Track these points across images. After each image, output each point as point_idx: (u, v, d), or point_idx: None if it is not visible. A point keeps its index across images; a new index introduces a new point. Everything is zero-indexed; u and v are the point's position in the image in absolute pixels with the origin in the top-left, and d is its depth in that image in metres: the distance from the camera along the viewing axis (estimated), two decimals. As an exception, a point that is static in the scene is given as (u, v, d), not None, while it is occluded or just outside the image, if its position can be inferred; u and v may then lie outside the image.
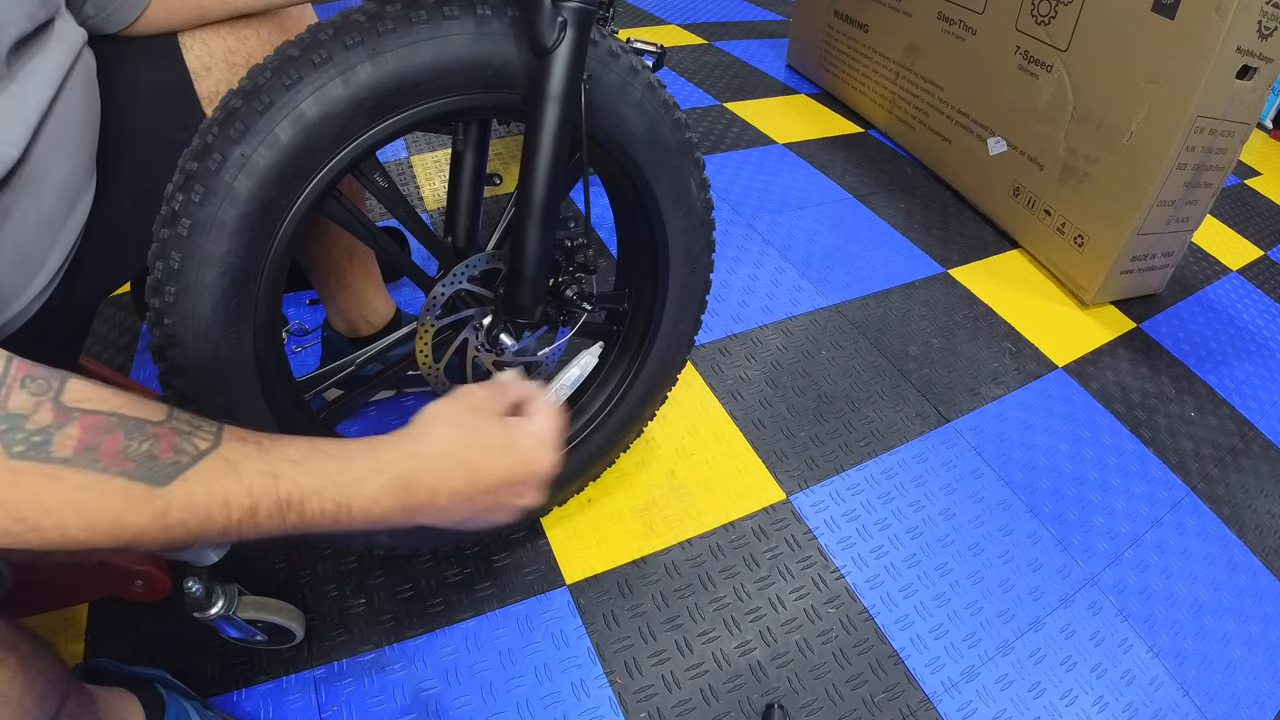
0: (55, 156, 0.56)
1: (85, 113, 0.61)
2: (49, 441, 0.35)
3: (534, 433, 0.53)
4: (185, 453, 0.39)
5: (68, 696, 0.52)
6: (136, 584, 0.73)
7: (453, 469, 0.49)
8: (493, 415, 0.52)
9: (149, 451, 0.38)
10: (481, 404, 0.52)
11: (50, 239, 0.58)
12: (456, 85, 0.63)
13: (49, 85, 0.55)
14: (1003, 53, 1.69)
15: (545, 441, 0.53)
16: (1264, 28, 1.26)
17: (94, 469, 0.36)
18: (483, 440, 0.50)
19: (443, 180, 1.68)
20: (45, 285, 0.58)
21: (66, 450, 0.35)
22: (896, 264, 1.63)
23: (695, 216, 0.84)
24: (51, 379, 0.37)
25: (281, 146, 0.58)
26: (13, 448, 0.34)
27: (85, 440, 0.36)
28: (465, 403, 0.52)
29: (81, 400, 0.37)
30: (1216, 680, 0.95)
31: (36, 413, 0.35)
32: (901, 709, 0.86)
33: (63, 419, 0.36)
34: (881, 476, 1.14)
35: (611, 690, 0.84)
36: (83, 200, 0.61)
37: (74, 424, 0.36)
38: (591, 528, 1.00)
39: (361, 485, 0.45)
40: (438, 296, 0.75)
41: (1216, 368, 1.50)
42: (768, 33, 2.84)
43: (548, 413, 0.55)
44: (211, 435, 0.41)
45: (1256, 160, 2.50)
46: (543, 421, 0.54)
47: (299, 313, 1.26)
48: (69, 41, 0.58)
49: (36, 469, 0.34)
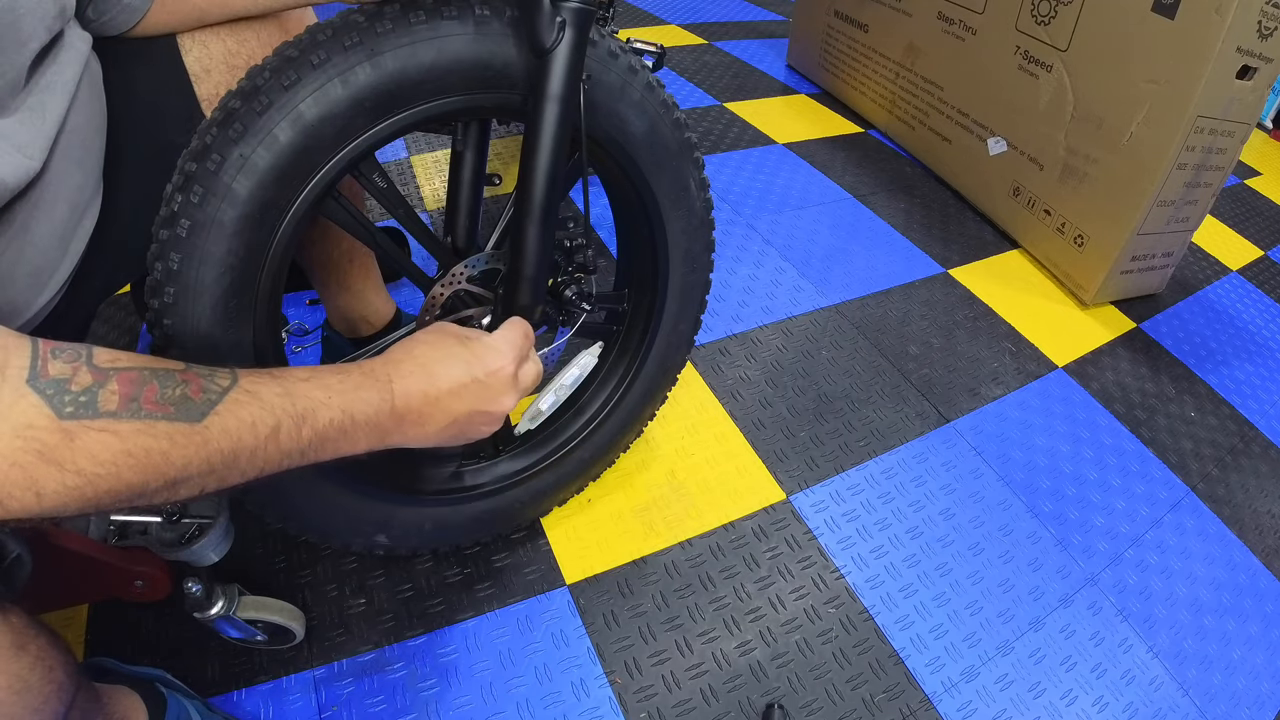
0: (68, 167, 0.57)
1: (94, 122, 0.61)
2: (95, 400, 0.38)
3: (494, 343, 0.59)
4: (212, 391, 0.43)
5: (79, 690, 0.52)
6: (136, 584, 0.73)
7: (428, 378, 0.54)
8: (459, 337, 0.58)
9: (183, 394, 0.41)
10: (447, 328, 0.58)
11: (62, 249, 0.58)
12: (456, 85, 0.63)
13: (64, 97, 0.56)
14: (1003, 53, 1.69)
15: (505, 350, 0.59)
16: (1264, 28, 1.26)
17: (139, 417, 0.39)
18: (450, 354, 0.56)
19: (442, 180, 1.68)
20: (53, 296, 0.59)
21: (112, 405, 0.38)
22: (896, 264, 1.63)
23: (695, 217, 0.84)
24: (79, 348, 0.40)
25: (280, 147, 0.58)
26: (63, 409, 0.37)
27: (127, 393, 0.39)
28: (434, 328, 0.58)
29: (112, 360, 0.40)
30: (1216, 680, 0.95)
31: (76, 376, 0.38)
32: (901, 709, 0.86)
33: (102, 378, 0.39)
34: (881, 476, 1.14)
35: (611, 690, 0.84)
36: (91, 209, 0.62)
37: (113, 380, 0.39)
38: (591, 528, 1.00)
39: (359, 390, 0.50)
40: (437, 296, 0.75)
41: (1216, 368, 1.50)
42: (768, 33, 2.84)
43: (511, 327, 0.61)
44: (229, 374, 0.45)
45: (1256, 160, 2.50)
46: (504, 332, 0.60)
47: (299, 313, 1.26)
48: (78, 50, 0.59)
49: (89, 425, 0.37)
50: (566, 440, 0.93)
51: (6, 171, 0.49)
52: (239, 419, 0.43)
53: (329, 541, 0.81)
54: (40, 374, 0.37)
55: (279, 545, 0.93)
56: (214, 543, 0.65)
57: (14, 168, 0.50)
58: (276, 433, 0.45)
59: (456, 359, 0.56)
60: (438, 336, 0.57)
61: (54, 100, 0.54)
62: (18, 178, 0.51)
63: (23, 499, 0.35)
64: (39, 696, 0.45)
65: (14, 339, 0.38)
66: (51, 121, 0.54)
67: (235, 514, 0.68)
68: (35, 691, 0.45)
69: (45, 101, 0.54)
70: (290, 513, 0.76)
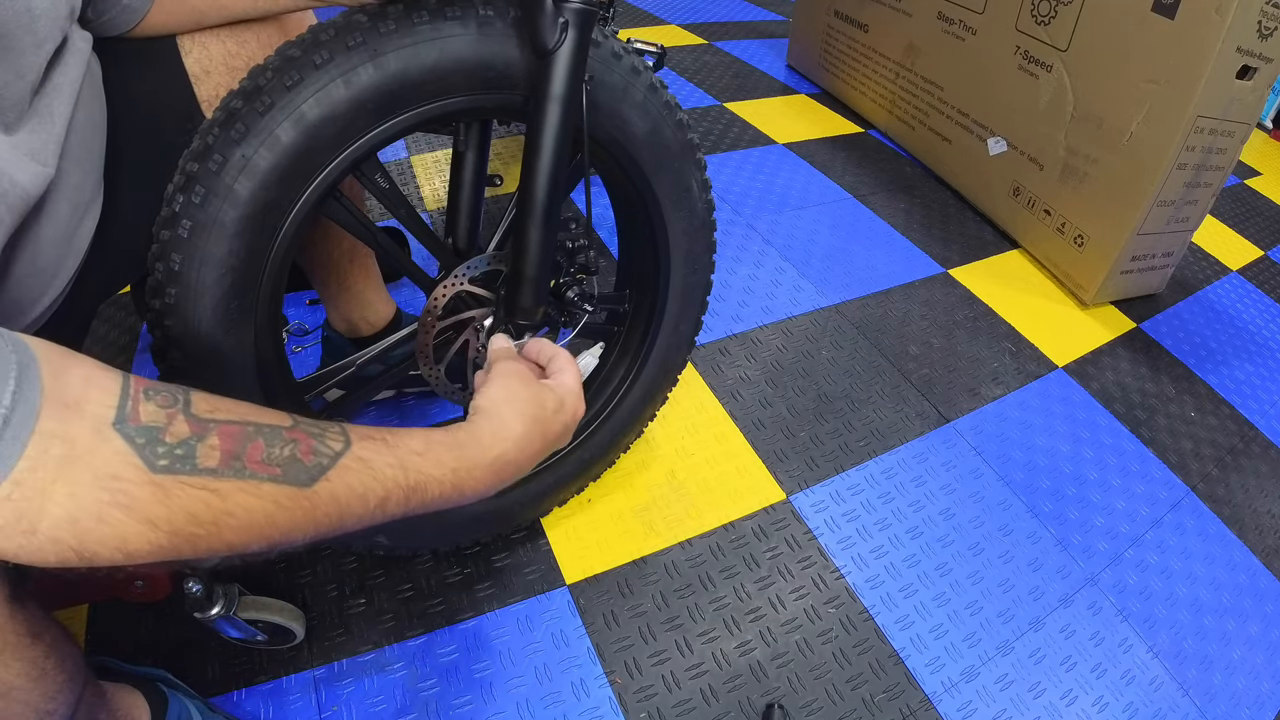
0: (69, 168, 0.57)
1: (95, 123, 0.61)
2: (193, 454, 0.35)
3: (570, 385, 0.60)
4: (323, 454, 0.41)
5: (86, 685, 0.53)
6: (137, 585, 0.73)
7: (533, 440, 0.55)
8: (537, 383, 0.58)
9: (291, 455, 0.39)
10: (526, 377, 0.58)
11: (66, 249, 0.58)
12: (459, 86, 0.63)
13: (69, 98, 0.55)
14: (1003, 53, 1.69)
15: (578, 390, 0.61)
16: (1264, 28, 1.26)
17: (243, 476, 0.37)
18: (544, 411, 0.56)
19: (442, 180, 1.68)
20: (57, 295, 0.59)
21: (213, 461, 0.36)
22: (896, 264, 1.63)
23: (697, 218, 0.84)
24: (175, 391, 0.37)
25: (283, 148, 0.58)
26: (157, 461, 0.34)
27: (229, 449, 0.37)
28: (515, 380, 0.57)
29: (213, 411, 0.37)
30: (1216, 680, 0.95)
31: (172, 425, 0.35)
32: (901, 709, 0.86)
33: (201, 430, 0.36)
34: (881, 476, 1.14)
35: (611, 690, 0.84)
36: (93, 209, 0.62)
37: (213, 434, 0.36)
38: (591, 528, 1.00)
39: (472, 470, 0.50)
40: (439, 298, 0.75)
41: (1216, 368, 1.50)
42: (768, 33, 2.83)
43: (569, 363, 0.63)
44: (341, 436, 0.43)
45: (1256, 160, 2.50)
46: (571, 373, 0.62)
47: (299, 313, 1.26)
48: (80, 51, 0.58)
49: (186, 481, 0.34)
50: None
51: (27, 180, 0.49)
52: (349, 487, 0.42)
53: (329, 542, 0.81)
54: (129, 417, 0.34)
55: (279, 545, 0.93)
56: (215, 543, 0.65)
57: (33, 176, 0.50)
58: (385, 503, 0.44)
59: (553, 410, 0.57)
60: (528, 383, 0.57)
61: (60, 103, 0.54)
62: (38, 185, 0.51)
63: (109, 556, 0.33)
64: (53, 684, 0.45)
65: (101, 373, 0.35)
66: (59, 124, 0.54)
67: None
68: (50, 679, 0.45)
69: (53, 105, 0.54)
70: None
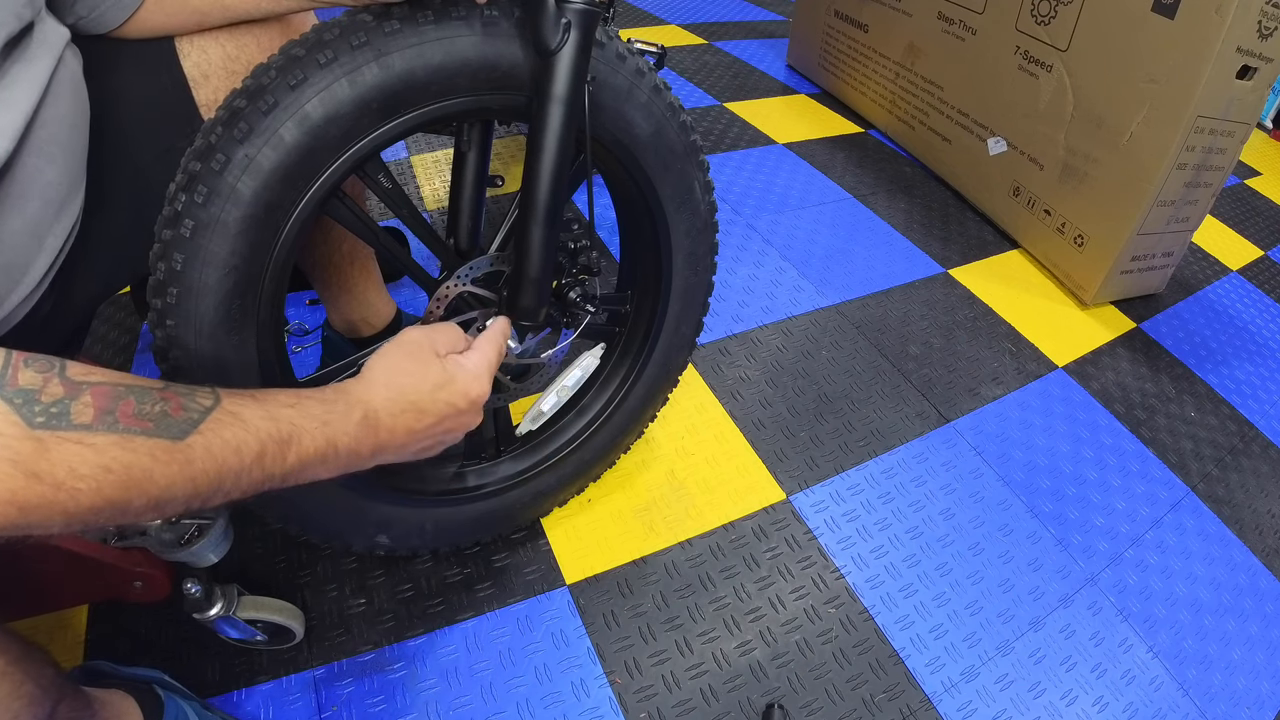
0: (40, 163, 0.56)
1: (73, 118, 0.60)
2: (67, 411, 0.36)
3: (467, 365, 0.59)
4: (193, 410, 0.42)
5: (61, 700, 0.52)
6: (135, 585, 0.73)
7: (404, 409, 0.55)
8: (428, 356, 0.58)
9: (162, 411, 0.40)
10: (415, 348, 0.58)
11: (36, 246, 0.57)
12: (463, 86, 0.63)
13: (34, 90, 0.54)
14: (1003, 53, 1.69)
15: (477, 373, 0.60)
16: (1264, 28, 1.26)
17: (116, 430, 0.38)
18: (422, 382, 0.56)
19: (442, 180, 1.68)
20: (30, 292, 0.58)
21: (86, 417, 0.37)
22: (896, 264, 1.63)
23: (699, 219, 0.84)
24: (51, 360, 0.38)
25: (286, 147, 0.58)
26: (34, 419, 0.35)
27: (101, 406, 0.38)
28: (399, 349, 0.57)
29: (86, 374, 0.39)
30: (1216, 680, 0.95)
31: (47, 387, 0.37)
32: (901, 709, 0.86)
33: (74, 391, 0.37)
34: (881, 476, 1.14)
35: (611, 690, 0.84)
36: (71, 206, 0.61)
37: (86, 393, 0.38)
38: (591, 528, 1.00)
39: (343, 422, 0.50)
40: (441, 298, 0.75)
41: (1216, 368, 1.50)
42: (768, 33, 2.83)
43: (482, 343, 0.62)
44: (210, 393, 0.44)
45: (1256, 160, 2.50)
46: (476, 355, 0.61)
47: (299, 313, 1.26)
48: (51, 44, 0.57)
49: (62, 436, 0.36)
50: (568, 441, 0.93)
51: None
52: (223, 440, 0.42)
53: (330, 542, 0.81)
54: (8, 382, 0.36)
55: (279, 545, 0.93)
56: (213, 543, 0.64)
57: None
58: (261, 457, 0.44)
59: (435, 385, 0.56)
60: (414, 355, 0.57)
61: (23, 93, 0.53)
62: None
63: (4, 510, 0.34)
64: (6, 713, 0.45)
65: None
66: (19, 114, 0.53)
67: (235, 514, 0.68)
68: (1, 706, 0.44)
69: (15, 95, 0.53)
70: (292, 513, 0.76)
